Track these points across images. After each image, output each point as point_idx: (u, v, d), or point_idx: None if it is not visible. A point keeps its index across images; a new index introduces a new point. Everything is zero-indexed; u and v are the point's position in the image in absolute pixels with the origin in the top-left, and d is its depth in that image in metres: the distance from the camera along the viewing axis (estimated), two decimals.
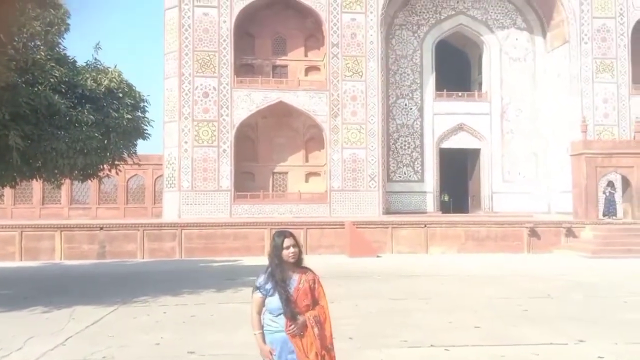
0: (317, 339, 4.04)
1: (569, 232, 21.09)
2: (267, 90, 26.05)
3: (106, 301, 10.74)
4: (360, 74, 26.20)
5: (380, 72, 26.59)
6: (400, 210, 27.81)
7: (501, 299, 10.87)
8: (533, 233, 21.04)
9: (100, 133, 11.51)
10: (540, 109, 29.68)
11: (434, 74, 29.56)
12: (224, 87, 25.56)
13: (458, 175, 31.01)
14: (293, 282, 4.11)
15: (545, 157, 29.32)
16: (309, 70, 28.15)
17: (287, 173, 27.60)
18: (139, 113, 12.67)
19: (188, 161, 25.23)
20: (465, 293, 11.75)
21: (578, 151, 22.15)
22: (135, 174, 29.32)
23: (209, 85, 25.51)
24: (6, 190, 26.37)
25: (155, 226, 20.68)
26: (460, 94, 30.01)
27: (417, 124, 29.31)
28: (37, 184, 26.45)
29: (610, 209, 22.98)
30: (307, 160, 27.74)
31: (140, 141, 13.41)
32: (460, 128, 29.68)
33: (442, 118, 29.36)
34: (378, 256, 19.45)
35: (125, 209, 29.48)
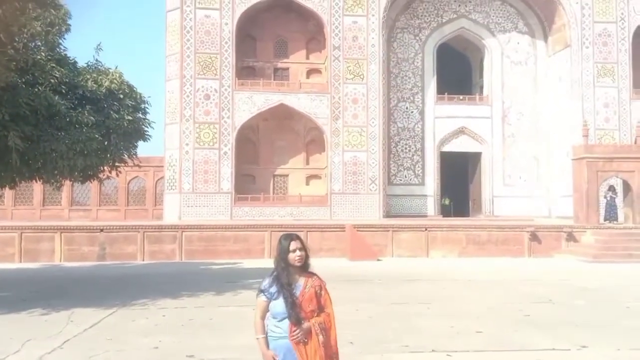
0: (322, 346, 3.93)
1: (570, 237, 21.02)
2: (268, 92, 26.02)
3: (105, 304, 10.68)
4: (362, 76, 26.17)
5: (382, 75, 26.56)
6: (400, 214, 27.75)
7: (503, 304, 10.80)
8: (534, 237, 20.97)
9: (100, 134, 11.46)
10: (542, 113, 29.64)
11: (435, 77, 29.53)
12: (226, 90, 25.53)
13: (459, 179, 30.95)
14: (298, 287, 4.01)
15: (546, 161, 29.27)
16: (310, 72, 28.13)
17: (287, 175, 27.55)
18: (140, 114, 12.61)
19: (189, 163, 25.18)
20: (466, 297, 11.68)
21: (579, 155, 22.09)
22: (136, 176, 29.27)
23: (211, 87, 25.48)
24: (6, 192, 26.37)
25: (155, 228, 20.62)
26: (461, 97, 29.99)
27: (418, 127, 29.27)
28: (37, 186, 26.43)
29: (611, 214, 22.91)
30: (307, 162, 27.69)
31: (141, 143, 13.37)
32: (461, 131, 29.63)
33: (443, 121, 29.32)
34: (378, 260, 19.39)
35: (126, 211, 29.43)
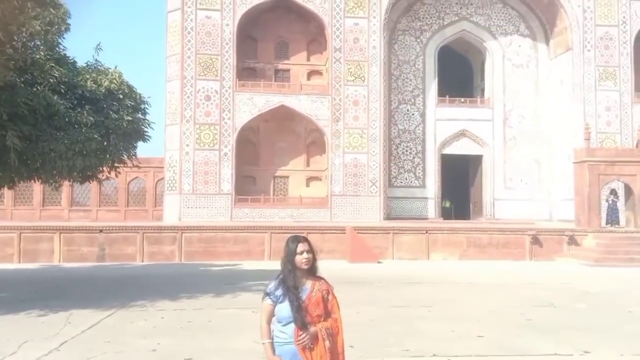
0: (328, 352, 3.83)
1: (571, 240, 20.92)
2: (269, 94, 25.96)
3: (103, 305, 10.60)
4: (363, 78, 26.11)
5: (383, 77, 26.50)
6: (401, 216, 27.67)
7: (504, 308, 10.71)
8: (535, 240, 20.87)
9: (99, 134, 11.37)
10: (543, 116, 29.57)
11: (437, 79, 29.47)
12: (226, 91, 25.48)
13: (460, 182, 30.86)
14: (305, 290, 3.90)
15: (547, 164, 29.20)
16: (311, 74, 28.07)
17: (288, 177, 27.48)
18: (140, 115, 12.53)
19: (189, 164, 25.11)
20: (467, 301, 11.59)
21: (581, 159, 22.01)
22: (136, 177, 29.18)
23: (211, 88, 25.43)
24: (6, 192, 26.30)
25: (155, 229, 20.54)
26: (462, 100, 29.93)
27: (419, 129, 29.20)
28: (37, 186, 26.35)
29: (612, 217, 22.83)
30: (308, 164, 27.62)
31: (141, 144, 13.27)
32: (462, 134, 29.56)
33: (444, 124, 29.26)
34: (379, 262, 19.30)
35: (126, 212, 29.33)
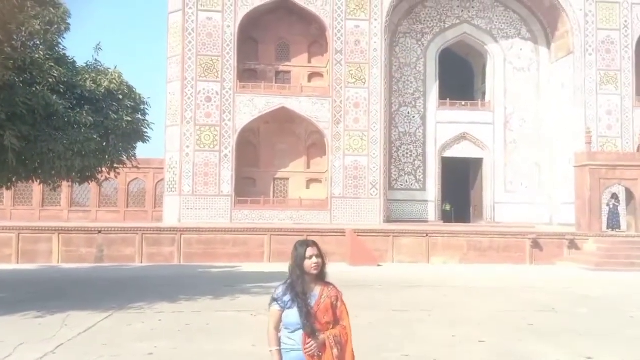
0: None
1: (572, 244, 20.83)
2: (269, 95, 25.91)
3: (101, 307, 10.51)
4: (364, 81, 26.06)
5: (384, 79, 26.45)
6: (401, 219, 27.59)
7: (505, 312, 10.63)
8: (536, 244, 20.79)
9: (99, 135, 11.30)
10: (544, 120, 29.52)
11: (438, 82, 29.42)
12: (227, 92, 25.43)
13: (460, 185, 30.80)
14: (314, 296, 3.79)
15: (548, 167, 29.13)
16: (312, 76, 28.02)
17: (288, 179, 27.41)
18: (139, 115, 12.46)
19: (189, 165, 25.05)
20: (468, 305, 11.50)
21: (582, 162, 21.93)
22: (136, 178, 29.15)
23: (212, 89, 25.38)
24: (5, 192, 26.22)
25: (154, 230, 20.45)
26: (463, 103, 29.88)
27: (419, 132, 29.14)
28: (37, 186, 26.28)
29: (613, 222, 22.77)
30: (308, 166, 27.56)
31: (141, 144, 13.22)
32: (463, 137, 29.51)
33: (445, 127, 29.20)
34: (379, 265, 19.22)
35: (125, 213, 29.28)
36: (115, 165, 12.79)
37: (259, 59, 27.79)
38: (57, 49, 11.87)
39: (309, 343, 3.67)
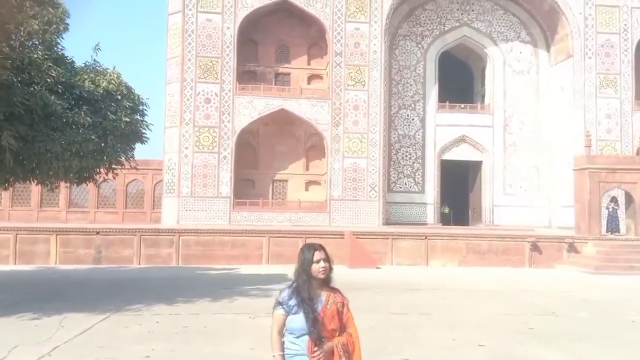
0: None
1: (571, 247, 20.78)
2: (269, 97, 25.87)
3: (98, 308, 10.43)
4: (363, 83, 26.03)
5: (383, 82, 26.42)
6: (400, 221, 27.54)
7: (505, 315, 10.56)
8: (535, 247, 20.73)
9: (97, 136, 11.21)
10: (543, 123, 29.50)
11: (437, 85, 29.39)
12: (226, 94, 25.38)
13: (459, 187, 30.76)
14: (320, 302, 3.69)
15: (547, 170, 29.10)
16: (311, 78, 27.99)
17: (287, 181, 27.36)
18: (138, 116, 12.38)
19: (188, 167, 24.99)
20: (467, 308, 11.44)
21: (581, 166, 21.88)
22: (135, 179, 29.08)
23: (211, 91, 25.33)
24: (3, 193, 26.14)
25: (152, 232, 20.36)
26: (462, 105, 29.85)
27: (419, 134, 29.11)
28: (35, 187, 26.19)
29: (613, 225, 22.69)
30: (307, 168, 27.50)
31: (140, 146, 13.14)
32: (462, 140, 29.47)
33: (444, 129, 29.17)
34: (378, 267, 19.15)
35: (124, 214, 29.21)
36: (113, 166, 12.71)
37: (258, 60, 27.76)
38: (55, 49, 11.80)
39: (316, 351, 3.57)
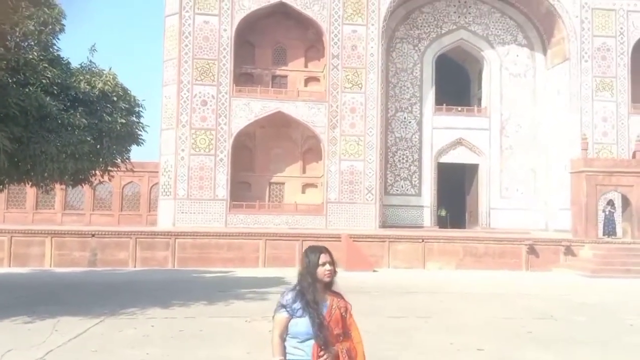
0: None
1: (568, 251, 20.78)
2: (266, 99, 25.79)
3: (93, 312, 10.34)
4: (360, 86, 25.99)
5: (380, 84, 26.37)
6: (396, 224, 27.47)
7: (503, 319, 10.51)
8: (532, 250, 20.72)
9: (92, 137, 11.14)
10: (540, 126, 29.51)
11: (434, 88, 29.38)
12: (223, 96, 25.30)
13: (455, 190, 30.73)
14: (325, 306, 3.61)
15: (544, 173, 29.09)
16: (308, 81, 27.93)
17: (284, 184, 27.27)
18: (134, 118, 12.32)
19: (184, 169, 24.89)
20: (465, 312, 11.38)
21: (578, 169, 21.90)
22: (131, 181, 28.94)
23: (208, 93, 25.24)
24: None
25: (148, 234, 20.27)
26: (459, 108, 29.83)
27: (415, 137, 29.08)
28: (30, 189, 26.03)
29: (609, 228, 22.71)
30: (304, 171, 27.42)
31: (136, 148, 13.09)
32: (459, 143, 29.46)
33: (441, 132, 29.14)
34: (375, 270, 19.09)
35: (119, 216, 29.06)
36: (109, 168, 12.64)
37: (255, 62, 27.68)
38: (51, 49, 11.72)
39: (322, 356, 3.49)
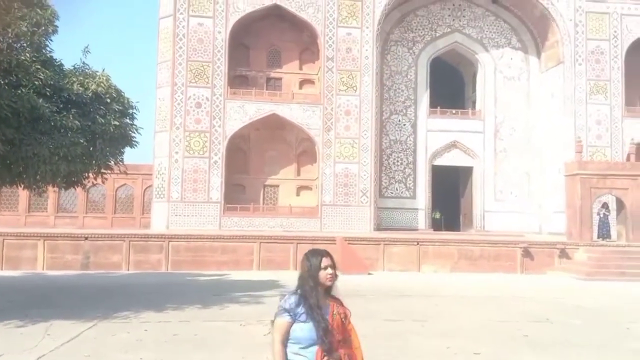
0: None
1: (563, 253, 20.79)
2: (260, 102, 25.72)
3: (85, 315, 10.22)
4: (355, 88, 25.97)
5: (375, 87, 26.37)
6: (391, 227, 27.44)
7: (499, 322, 10.47)
8: (526, 253, 20.72)
9: (85, 139, 11.02)
10: (534, 129, 29.58)
11: (428, 90, 29.40)
12: (217, 98, 25.21)
13: (450, 193, 30.75)
14: (327, 311, 3.53)
15: (537, 176, 29.14)
16: (303, 83, 27.88)
17: (278, 186, 27.19)
18: (127, 120, 12.20)
19: (178, 172, 24.77)
20: (461, 315, 11.33)
21: (573, 172, 21.94)
22: (124, 184, 28.80)
23: (202, 95, 25.15)
24: None
25: (141, 237, 20.13)
26: (454, 111, 29.87)
27: (410, 140, 29.08)
28: (23, 191, 25.84)
29: (604, 231, 22.74)
30: (299, 173, 27.36)
31: (130, 150, 12.96)
32: (453, 145, 29.48)
33: (436, 135, 29.16)
34: (370, 273, 19.02)
35: (113, 219, 28.89)
36: (102, 170, 12.51)
37: (250, 65, 27.61)
38: (44, 51, 11.61)
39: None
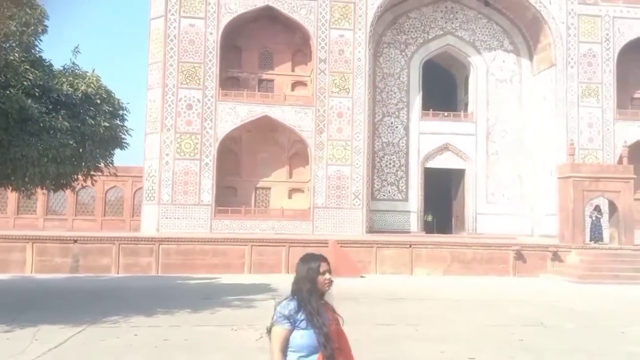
0: None
1: (555, 256, 20.77)
2: (252, 104, 25.57)
3: (74, 320, 10.03)
4: (347, 90, 25.89)
5: (367, 89, 26.30)
6: (383, 229, 27.37)
7: (494, 327, 10.39)
8: (519, 256, 20.69)
9: (75, 141, 10.83)
10: (526, 131, 29.63)
11: (421, 93, 29.37)
12: (209, 100, 25.04)
13: (442, 196, 30.74)
14: (325, 318, 3.43)
15: (530, 179, 29.18)
16: (295, 85, 27.75)
17: (270, 188, 27.03)
18: (118, 121, 12.02)
19: (169, 174, 24.55)
20: (455, 319, 11.24)
21: (565, 174, 21.95)
22: (114, 186, 28.51)
23: (193, 97, 24.97)
24: None
25: (131, 240, 19.89)
26: (446, 114, 29.87)
27: (402, 142, 29.03)
28: (11, 193, 25.51)
29: (596, 234, 22.77)
30: (291, 176, 27.22)
31: (120, 152, 12.81)
32: (445, 148, 29.47)
33: (428, 137, 29.14)
34: (362, 276, 18.91)
35: (102, 222, 28.59)
36: (91, 172, 12.33)
37: (242, 66, 27.46)
38: (33, 51, 11.42)
39: None
